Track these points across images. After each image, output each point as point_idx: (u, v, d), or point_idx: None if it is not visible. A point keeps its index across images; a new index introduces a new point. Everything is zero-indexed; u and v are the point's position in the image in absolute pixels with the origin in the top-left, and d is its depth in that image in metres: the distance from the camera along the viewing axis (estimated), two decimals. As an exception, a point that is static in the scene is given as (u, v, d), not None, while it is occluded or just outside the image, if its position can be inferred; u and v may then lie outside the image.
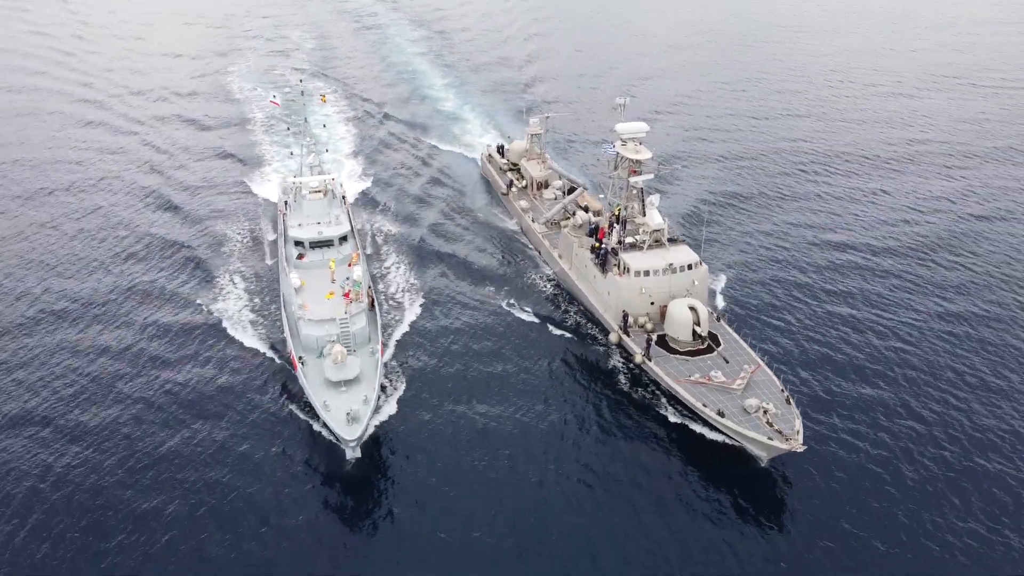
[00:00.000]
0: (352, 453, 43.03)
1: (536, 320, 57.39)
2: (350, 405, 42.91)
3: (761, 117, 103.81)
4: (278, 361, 51.83)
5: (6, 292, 60.20)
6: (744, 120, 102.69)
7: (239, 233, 68.94)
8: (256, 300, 58.87)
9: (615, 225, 56.64)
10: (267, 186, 78.55)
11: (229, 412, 47.34)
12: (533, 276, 64.14)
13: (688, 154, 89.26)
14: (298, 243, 56.08)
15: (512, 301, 59.54)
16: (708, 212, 72.23)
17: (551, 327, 56.68)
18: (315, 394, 44.35)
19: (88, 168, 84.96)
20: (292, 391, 48.86)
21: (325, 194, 61.14)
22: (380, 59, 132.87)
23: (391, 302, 58.97)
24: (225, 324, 55.64)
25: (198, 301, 58.26)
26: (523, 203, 72.68)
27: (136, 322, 56.27)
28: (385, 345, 51.11)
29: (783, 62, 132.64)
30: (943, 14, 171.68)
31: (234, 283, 60.91)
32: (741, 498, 41.25)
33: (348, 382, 45.11)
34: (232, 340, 54.06)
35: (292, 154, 71.50)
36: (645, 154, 55.42)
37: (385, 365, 49.54)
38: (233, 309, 57.38)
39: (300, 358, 47.53)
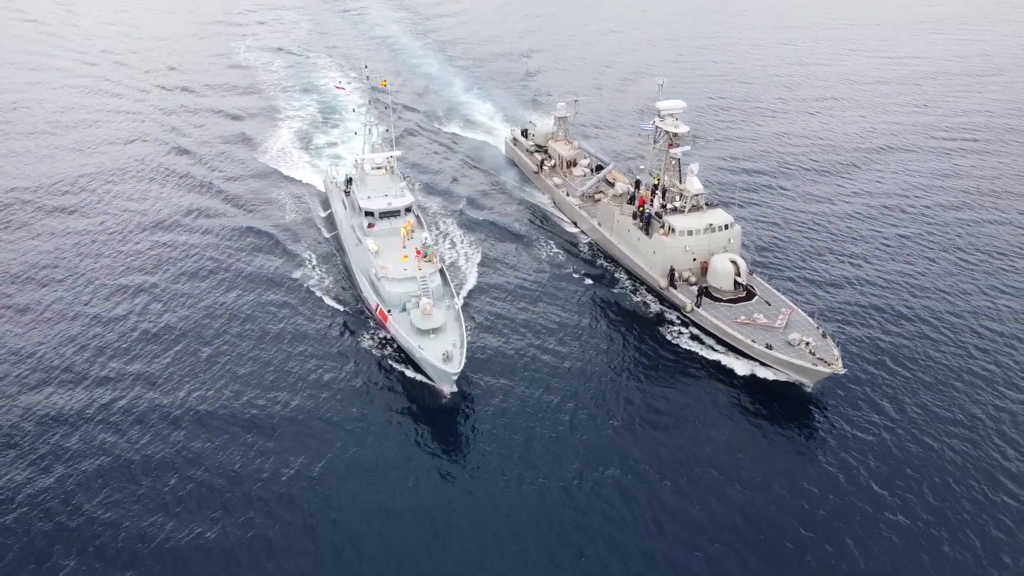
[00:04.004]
0: (450, 388, 48.80)
1: (583, 278, 63.57)
2: (443, 348, 48.78)
3: (766, 99, 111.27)
4: (351, 315, 57.50)
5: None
6: (751, 101, 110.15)
7: (294, 217, 73.81)
8: (325, 268, 64.16)
9: (656, 192, 62.93)
10: (306, 171, 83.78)
11: (335, 361, 52.87)
12: (572, 242, 70.25)
13: (701, 134, 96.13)
14: (368, 213, 61.46)
15: (558, 263, 65.69)
16: (730, 182, 78.98)
17: (598, 284, 62.93)
18: (411, 340, 50.07)
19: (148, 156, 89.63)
20: (377, 342, 54.45)
21: (386, 170, 66.54)
22: (391, 55, 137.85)
23: (451, 265, 64.61)
24: (312, 288, 61.19)
25: (283, 274, 63.52)
26: (556, 180, 78.75)
27: (235, 290, 61.48)
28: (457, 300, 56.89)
29: (792, 47, 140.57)
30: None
31: (304, 256, 66.08)
32: (794, 417, 47.77)
33: (435, 330, 50.97)
34: (318, 303, 59.39)
35: (356, 134, 76.84)
36: (683, 128, 61.76)
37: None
38: (314, 277, 62.78)
39: (388, 311, 53.23)
